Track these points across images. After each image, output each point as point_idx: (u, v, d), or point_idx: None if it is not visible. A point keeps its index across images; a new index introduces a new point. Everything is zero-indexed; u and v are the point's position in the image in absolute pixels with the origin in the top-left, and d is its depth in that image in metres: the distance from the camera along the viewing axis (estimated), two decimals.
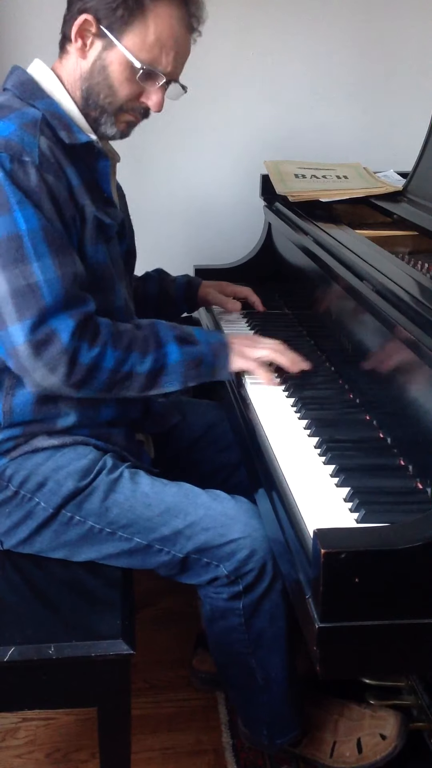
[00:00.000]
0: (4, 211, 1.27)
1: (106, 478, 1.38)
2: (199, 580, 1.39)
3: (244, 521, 1.35)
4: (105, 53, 1.36)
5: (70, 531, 1.38)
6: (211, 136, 2.39)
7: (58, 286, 1.28)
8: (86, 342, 1.31)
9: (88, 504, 1.37)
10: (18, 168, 1.27)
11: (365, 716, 1.54)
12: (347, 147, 2.37)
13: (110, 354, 1.33)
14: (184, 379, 1.41)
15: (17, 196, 1.26)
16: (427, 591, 0.94)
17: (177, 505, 1.36)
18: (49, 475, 1.38)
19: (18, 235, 1.26)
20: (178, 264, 1.98)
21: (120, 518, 1.37)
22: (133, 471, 1.41)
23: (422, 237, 1.67)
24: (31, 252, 1.27)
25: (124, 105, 1.40)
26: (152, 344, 1.38)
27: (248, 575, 1.35)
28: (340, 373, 1.52)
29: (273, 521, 1.18)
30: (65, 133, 1.35)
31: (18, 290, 1.27)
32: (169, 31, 1.36)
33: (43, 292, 1.27)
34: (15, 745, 1.65)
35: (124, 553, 1.38)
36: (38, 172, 1.28)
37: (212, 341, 1.45)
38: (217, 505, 1.37)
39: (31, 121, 1.31)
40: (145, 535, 1.36)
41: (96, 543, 1.38)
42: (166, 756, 1.62)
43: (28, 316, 1.27)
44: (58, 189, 1.31)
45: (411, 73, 2.40)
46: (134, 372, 1.36)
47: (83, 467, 1.38)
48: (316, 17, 2.33)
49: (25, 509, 1.39)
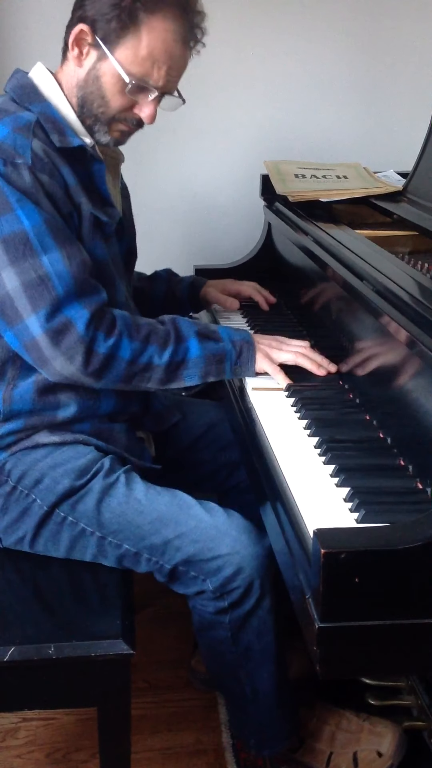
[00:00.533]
0: (5, 211, 1.28)
1: (102, 481, 1.38)
2: (186, 590, 1.39)
3: (234, 537, 1.34)
4: (99, 64, 1.37)
5: (63, 531, 1.39)
6: (212, 136, 2.39)
7: (68, 277, 1.30)
8: (102, 332, 1.33)
9: (81, 505, 1.37)
10: (12, 170, 1.29)
11: (363, 729, 1.54)
12: (347, 147, 2.37)
13: (126, 345, 1.34)
14: (204, 374, 1.42)
15: (16, 195, 1.28)
16: (427, 591, 0.94)
17: (169, 515, 1.36)
18: (46, 471, 1.38)
19: (23, 232, 1.28)
20: (178, 264, 1.98)
21: (111, 523, 1.36)
22: (129, 476, 1.41)
23: (422, 237, 1.67)
24: (38, 246, 1.29)
25: (117, 115, 1.41)
26: (172, 338, 1.39)
27: (234, 592, 1.35)
28: (340, 374, 1.52)
29: (273, 521, 1.18)
30: (57, 137, 1.36)
31: (29, 283, 1.28)
32: (162, 46, 1.35)
33: (54, 283, 1.29)
34: (15, 745, 1.65)
35: (113, 558, 1.38)
36: (31, 172, 1.30)
37: (236, 339, 1.45)
38: (208, 518, 1.36)
39: (24, 125, 1.32)
40: (135, 543, 1.36)
41: (87, 545, 1.39)
42: (166, 756, 1.62)
43: (41, 306, 1.29)
44: (53, 187, 1.33)
45: (411, 74, 2.40)
46: (152, 364, 1.37)
47: (81, 466, 1.39)
48: (317, 17, 2.33)
49: (22, 506, 1.39)
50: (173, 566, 1.35)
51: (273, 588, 1.35)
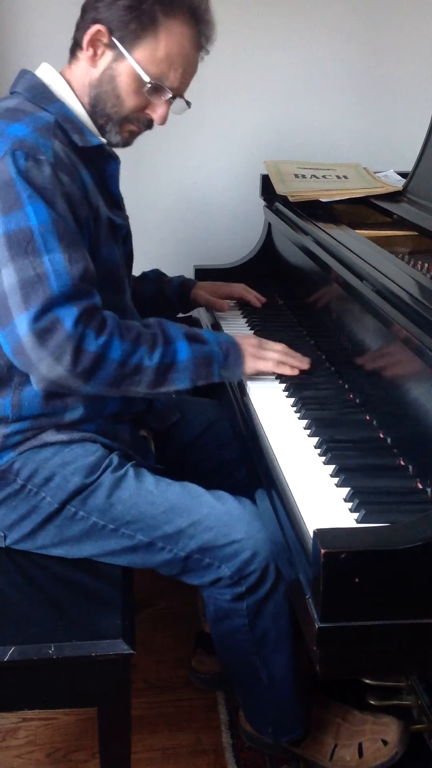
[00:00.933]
0: (16, 207, 1.27)
1: (111, 475, 1.38)
2: (201, 580, 1.39)
3: (248, 522, 1.35)
4: (115, 64, 1.38)
5: (73, 526, 1.39)
6: (212, 136, 2.39)
7: (66, 278, 1.28)
8: (92, 330, 1.29)
9: (92, 500, 1.38)
10: (33, 165, 1.28)
11: (367, 722, 1.54)
12: (347, 147, 2.37)
13: (117, 344, 1.32)
14: (195, 378, 1.40)
15: (28, 191, 1.27)
16: (427, 591, 0.94)
17: (181, 504, 1.36)
18: (56, 470, 1.39)
19: (29, 229, 1.27)
20: (178, 264, 1.98)
21: (124, 515, 1.37)
22: (137, 470, 1.42)
23: (422, 237, 1.67)
24: (41, 245, 1.27)
25: (130, 115, 1.42)
26: (161, 340, 1.37)
27: (251, 576, 1.35)
28: (340, 373, 1.52)
29: (273, 521, 1.18)
30: (78, 137, 1.37)
31: (26, 280, 1.27)
32: (179, 49, 1.38)
33: (50, 282, 1.27)
34: (15, 745, 1.65)
35: (126, 550, 1.38)
36: (53, 169, 1.29)
37: (222, 341, 1.44)
38: (220, 505, 1.37)
39: (44, 125, 1.32)
40: (148, 533, 1.36)
41: (99, 539, 1.39)
42: (166, 756, 1.62)
43: (33, 304, 1.26)
44: (72, 189, 1.32)
45: (411, 74, 2.40)
46: (143, 366, 1.34)
47: (90, 464, 1.39)
48: (316, 17, 2.33)
49: (30, 503, 1.39)
50: (187, 554, 1.36)
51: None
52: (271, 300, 1.96)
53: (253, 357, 1.47)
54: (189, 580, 1.41)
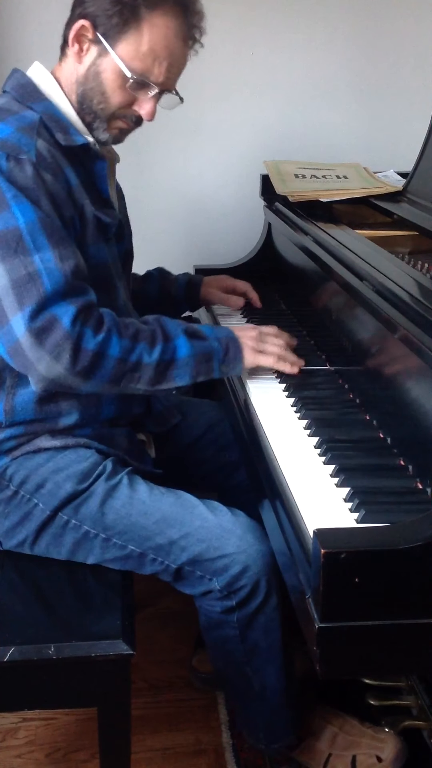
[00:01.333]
0: (1, 208, 1.27)
1: (104, 484, 1.38)
2: (193, 590, 1.39)
3: (240, 535, 1.34)
4: (99, 59, 1.37)
5: (66, 535, 1.38)
6: (211, 136, 2.39)
7: (58, 275, 1.27)
8: (90, 328, 1.28)
9: (84, 508, 1.37)
10: (14, 166, 1.27)
11: (365, 735, 1.53)
12: (347, 147, 2.36)
13: (116, 341, 1.30)
14: (195, 374, 1.38)
15: (12, 191, 1.27)
16: (427, 591, 0.94)
17: (173, 515, 1.35)
18: (48, 476, 1.38)
19: (16, 229, 1.26)
20: (178, 264, 1.97)
21: (116, 524, 1.36)
22: (132, 478, 1.41)
23: (422, 237, 1.67)
24: (30, 244, 1.26)
25: (117, 112, 1.41)
26: (160, 337, 1.36)
27: (241, 591, 1.34)
28: (340, 373, 1.52)
29: (273, 521, 1.18)
30: (62, 135, 1.36)
31: (18, 280, 1.26)
32: (163, 42, 1.35)
33: (43, 280, 1.26)
34: (15, 745, 1.65)
35: (118, 559, 1.38)
36: (35, 169, 1.28)
37: (221, 336, 1.42)
38: (213, 517, 1.36)
39: (28, 125, 1.32)
40: (140, 543, 1.36)
41: (92, 548, 1.38)
42: (166, 756, 1.62)
43: (28, 304, 1.25)
44: (55, 188, 1.31)
45: (411, 73, 2.40)
46: (142, 363, 1.33)
47: (83, 470, 1.38)
48: (316, 17, 2.33)
49: (23, 510, 1.39)
50: (179, 566, 1.35)
51: (279, 586, 1.35)
52: (271, 300, 1.96)
53: (253, 350, 1.45)
54: (182, 588, 1.41)
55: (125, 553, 1.37)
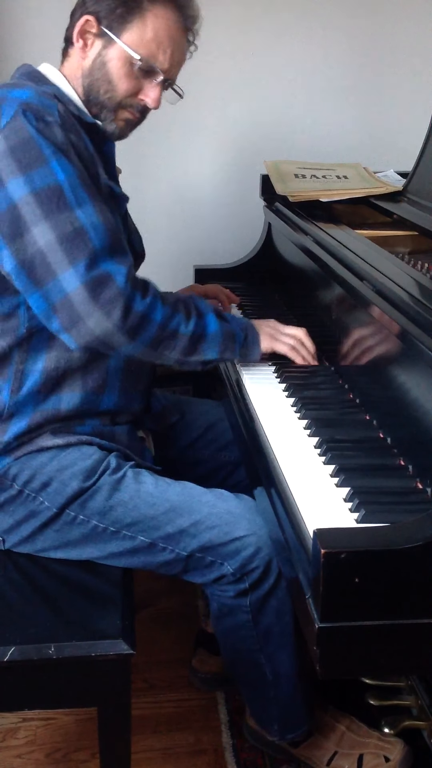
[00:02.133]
0: (40, 163, 1.27)
1: (109, 478, 1.38)
2: (204, 578, 1.39)
3: (249, 519, 1.35)
4: (105, 50, 1.40)
5: (73, 530, 1.38)
6: (211, 136, 2.39)
7: (102, 230, 1.29)
8: (138, 291, 1.31)
9: (91, 503, 1.37)
10: (44, 126, 1.29)
11: (373, 737, 1.54)
12: (347, 147, 2.37)
13: (160, 307, 1.34)
14: (222, 350, 1.43)
15: (51, 148, 1.28)
16: (427, 591, 0.94)
17: (181, 504, 1.36)
18: (53, 475, 1.38)
19: (57, 184, 1.27)
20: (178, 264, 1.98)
21: (124, 517, 1.37)
22: (136, 471, 1.42)
23: (422, 237, 1.67)
24: (72, 199, 1.28)
25: (123, 101, 1.43)
26: (194, 311, 1.41)
27: (254, 572, 1.35)
28: (340, 373, 1.52)
29: (273, 521, 1.18)
30: (74, 108, 1.39)
31: (65, 236, 1.27)
32: (165, 30, 1.40)
33: (90, 236, 1.28)
34: (15, 745, 1.65)
35: (127, 552, 1.38)
36: (62, 130, 1.31)
37: (242, 323, 1.50)
38: (221, 503, 1.37)
39: (45, 92, 1.34)
40: (149, 534, 1.36)
41: (99, 542, 1.38)
42: (166, 756, 1.62)
43: (80, 258, 1.26)
44: (80, 148, 1.34)
45: (411, 73, 2.40)
46: (179, 332, 1.37)
47: (88, 467, 1.38)
48: (316, 17, 2.33)
49: (28, 508, 1.39)
50: (189, 553, 1.36)
51: None
52: (271, 300, 1.96)
53: (270, 337, 1.53)
54: (191, 578, 1.41)
55: (135, 545, 1.37)
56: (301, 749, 1.54)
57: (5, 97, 1.30)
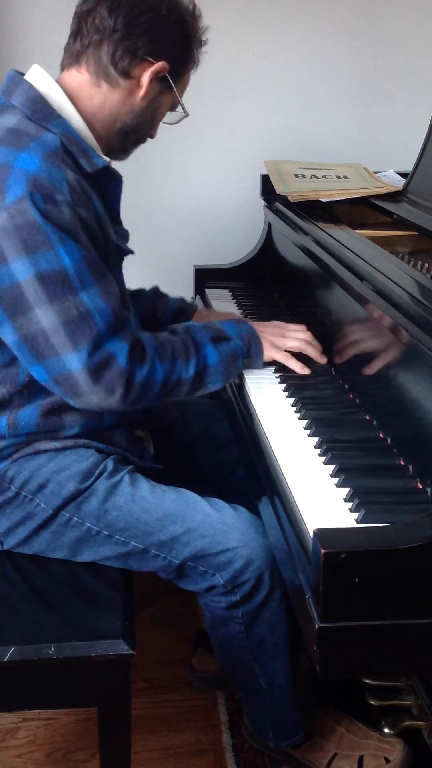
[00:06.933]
0: (46, 247, 1.25)
1: (106, 482, 1.38)
2: (196, 587, 1.39)
3: (242, 530, 1.35)
4: (161, 96, 1.43)
5: (68, 532, 1.38)
6: (212, 136, 2.39)
7: (107, 312, 1.29)
8: (137, 362, 1.33)
9: (86, 506, 1.37)
10: (52, 207, 1.25)
11: (372, 738, 1.53)
12: (347, 147, 2.37)
13: (159, 368, 1.36)
14: (226, 377, 1.45)
15: (57, 233, 1.25)
16: (428, 591, 0.94)
17: (175, 511, 1.36)
18: (50, 476, 1.38)
19: (63, 270, 1.26)
20: (178, 264, 1.98)
21: (118, 521, 1.37)
22: (133, 476, 1.41)
23: (422, 237, 1.67)
24: (77, 283, 1.27)
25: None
26: (192, 349, 1.41)
27: (245, 585, 1.35)
28: (340, 373, 1.52)
29: (273, 521, 1.18)
30: (85, 161, 1.34)
31: (70, 320, 1.26)
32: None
33: (95, 320, 1.28)
34: (15, 745, 1.65)
35: (120, 556, 1.39)
36: (71, 208, 1.27)
37: (243, 333, 1.48)
38: (215, 512, 1.37)
39: (53, 152, 1.28)
40: (142, 540, 1.36)
41: (93, 545, 1.39)
42: (166, 756, 1.62)
43: (84, 343, 1.27)
44: (89, 220, 1.32)
45: (411, 74, 2.40)
46: (181, 379, 1.39)
47: (85, 470, 1.39)
48: (316, 17, 2.33)
49: (25, 510, 1.39)
50: (181, 561, 1.36)
51: (283, 580, 1.35)
52: (271, 300, 1.95)
53: (272, 346, 1.52)
54: (184, 585, 1.41)
55: (127, 550, 1.37)
56: (301, 751, 1.54)
57: (11, 167, 1.24)
